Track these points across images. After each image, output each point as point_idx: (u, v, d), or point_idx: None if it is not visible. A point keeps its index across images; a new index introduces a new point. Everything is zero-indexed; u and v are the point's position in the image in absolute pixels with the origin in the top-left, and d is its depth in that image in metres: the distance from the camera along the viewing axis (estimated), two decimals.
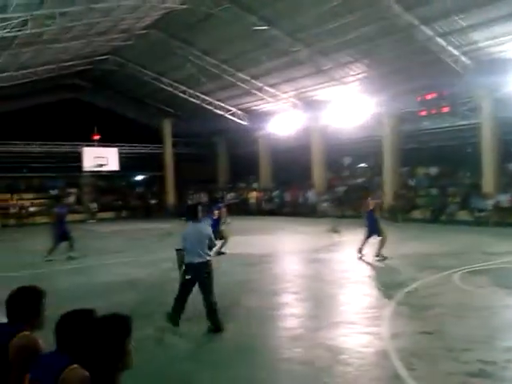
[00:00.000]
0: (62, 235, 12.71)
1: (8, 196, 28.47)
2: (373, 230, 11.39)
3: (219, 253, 12.87)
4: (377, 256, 11.19)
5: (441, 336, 5.74)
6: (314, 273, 10.46)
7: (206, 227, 6.56)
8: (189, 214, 6.60)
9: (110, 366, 2.03)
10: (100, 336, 2.05)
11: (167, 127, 32.31)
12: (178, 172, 32.16)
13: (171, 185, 32.01)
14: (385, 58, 19.45)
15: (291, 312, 7.25)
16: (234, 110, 28.78)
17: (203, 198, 30.39)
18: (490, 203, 18.41)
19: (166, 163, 32.15)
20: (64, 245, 12.87)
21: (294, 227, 20.45)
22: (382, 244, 11.23)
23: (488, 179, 19.02)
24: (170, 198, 31.67)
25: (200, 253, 6.24)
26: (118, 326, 2.08)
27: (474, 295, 7.79)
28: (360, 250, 11.57)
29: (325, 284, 9.10)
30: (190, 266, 6.27)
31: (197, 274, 6.26)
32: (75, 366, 2.13)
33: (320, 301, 7.88)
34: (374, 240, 11.47)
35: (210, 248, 6.39)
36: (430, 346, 5.41)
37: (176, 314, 6.38)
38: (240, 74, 23.97)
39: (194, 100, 27.66)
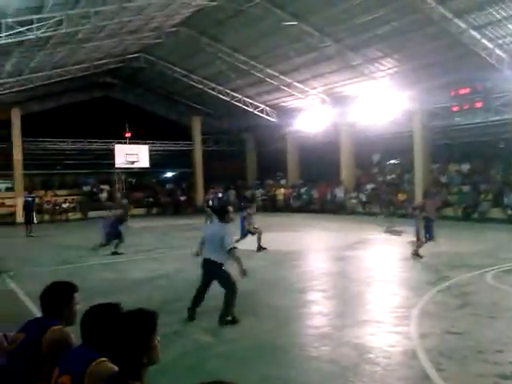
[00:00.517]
0: (117, 233, 13.37)
1: (42, 193, 29.18)
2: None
3: (261, 248, 12.97)
4: (413, 254, 11.02)
5: (471, 336, 5.63)
6: (341, 271, 10.40)
7: (222, 229, 6.60)
8: (218, 212, 7.01)
9: (134, 361, 2.07)
10: (125, 331, 2.08)
11: (196, 124, 32.54)
12: (207, 169, 32.39)
13: (200, 182, 32.27)
14: (416, 53, 19.04)
15: (318, 310, 7.24)
16: (262, 106, 28.77)
17: (231, 195, 30.49)
18: None
19: (195, 160, 32.40)
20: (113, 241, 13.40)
21: (321, 224, 20.34)
22: (419, 244, 11.06)
23: None
24: (200, 194, 31.92)
25: (212, 251, 6.45)
26: (143, 321, 2.11)
27: (507, 295, 7.61)
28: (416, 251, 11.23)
29: (352, 282, 9.02)
30: (203, 261, 6.59)
31: (207, 270, 6.53)
32: (103, 359, 2.17)
33: (347, 299, 7.82)
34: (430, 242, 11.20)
35: (226, 249, 6.36)
36: (460, 346, 5.31)
37: (192, 308, 6.57)
38: (269, 70, 23.94)
39: (223, 97, 27.77)
